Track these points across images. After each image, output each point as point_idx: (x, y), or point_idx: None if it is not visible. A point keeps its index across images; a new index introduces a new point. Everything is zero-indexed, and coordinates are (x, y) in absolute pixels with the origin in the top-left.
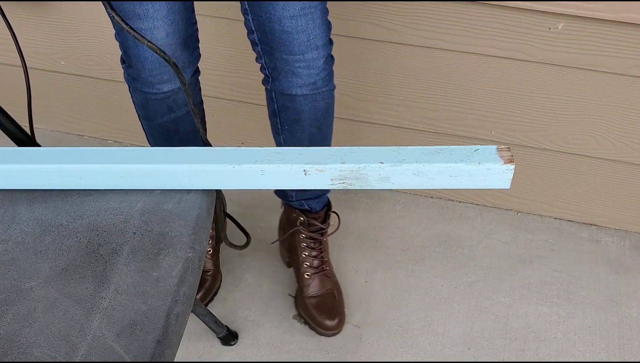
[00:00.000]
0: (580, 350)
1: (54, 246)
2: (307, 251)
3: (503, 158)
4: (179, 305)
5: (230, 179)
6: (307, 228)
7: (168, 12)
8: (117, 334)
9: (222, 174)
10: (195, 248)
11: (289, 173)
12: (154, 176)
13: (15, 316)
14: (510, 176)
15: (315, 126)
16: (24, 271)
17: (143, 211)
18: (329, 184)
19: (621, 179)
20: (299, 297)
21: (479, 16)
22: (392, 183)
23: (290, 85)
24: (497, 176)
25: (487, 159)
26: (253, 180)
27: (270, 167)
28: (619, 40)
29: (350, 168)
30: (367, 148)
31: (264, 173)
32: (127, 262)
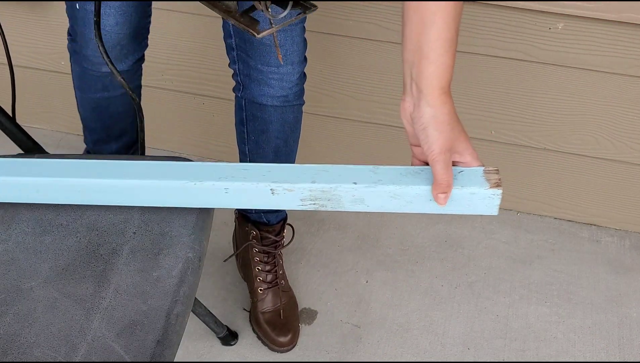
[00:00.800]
0: (580, 350)
1: (54, 246)
2: (260, 266)
3: (489, 182)
4: (179, 305)
5: (190, 197)
6: (260, 241)
7: (122, 4)
8: (117, 334)
9: (182, 192)
10: (195, 248)
11: (254, 192)
12: (97, 193)
13: (16, 317)
14: (497, 201)
15: (282, 138)
16: (24, 271)
17: (143, 211)
18: (299, 205)
19: (621, 179)
20: (253, 312)
21: (479, 16)
22: (367, 205)
23: (261, 94)
24: (483, 202)
25: (472, 183)
26: (216, 199)
27: (235, 185)
28: (619, 40)
29: (322, 188)
30: (341, 167)
31: (227, 191)
32: (127, 262)
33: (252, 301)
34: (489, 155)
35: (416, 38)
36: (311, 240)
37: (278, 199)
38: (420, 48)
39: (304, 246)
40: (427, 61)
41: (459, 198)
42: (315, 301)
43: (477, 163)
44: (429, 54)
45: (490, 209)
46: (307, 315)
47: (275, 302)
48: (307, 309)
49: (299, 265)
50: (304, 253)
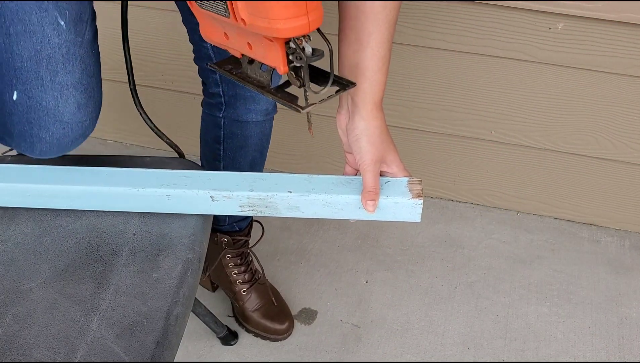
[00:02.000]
0: (580, 350)
1: (54, 247)
2: (236, 270)
3: (412, 192)
4: (179, 306)
5: (134, 202)
6: (232, 246)
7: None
8: (117, 335)
9: (125, 198)
10: (194, 249)
11: (195, 199)
12: (48, 197)
13: (15, 317)
14: (419, 210)
15: (258, 150)
16: (23, 272)
17: (143, 213)
18: (238, 211)
19: (621, 179)
20: (242, 314)
21: (479, 16)
22: (302, 212)
23: (246, 111)
24: (406, 210)
25: (396, 193)
26: (158, 204)
27: (176, 192)
28: (619, 40)
29: (258, 195)
30: (278, 175)
31: (169, 198)
32: (126, 263)
33: (237, 305)
34: (489, 155)
35: (352, 56)
36: (311, 240)
37: (218, 206)
38: (357, 65)
39: (304, 246)
40: (363, 78)
41: (384, 207)
42: (315, 301)
43: (404, 173)
44: (364, 71)
45: (414, 217)
46: (307, 315)
47: (262, 296)
48: (307, 309)
49: (299, 265)
50: (304, 253)
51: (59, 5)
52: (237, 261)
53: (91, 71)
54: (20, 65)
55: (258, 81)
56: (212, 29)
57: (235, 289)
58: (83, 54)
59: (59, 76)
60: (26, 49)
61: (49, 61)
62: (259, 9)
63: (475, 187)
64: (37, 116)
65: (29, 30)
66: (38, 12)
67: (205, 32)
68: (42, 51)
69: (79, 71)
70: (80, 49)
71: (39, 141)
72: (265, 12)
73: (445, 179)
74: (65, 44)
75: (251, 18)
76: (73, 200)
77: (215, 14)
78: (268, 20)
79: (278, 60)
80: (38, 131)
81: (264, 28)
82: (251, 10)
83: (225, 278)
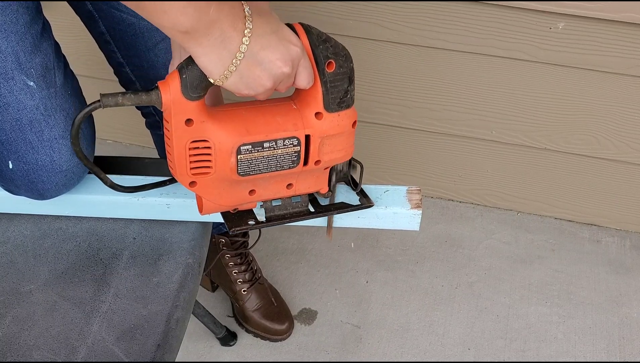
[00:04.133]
0: (580, 350)
1: (54, 250)
2: (236, 269)
3: (411, 202)
4: (179, 310)
5: (135, 211)
6: (231, 247)
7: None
8: (117, 338)
9: (127, 206)
10: (195, 254)
11: (195, 207)
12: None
13: (15, 319)
14: (418, 220)
15: None
16: (23, 274)
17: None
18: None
19: (622, 179)
20: (242, 314)
21: (479, 16)
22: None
23: None
24: (405, 220)
25: (395, 203)
26: (159, 213)
27: (176, 201)
28: (619, 40)
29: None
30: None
31: (169, 207)
32: (127, 266)
33: (237, 305)
34: (490, 155)
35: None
36: (311, 240)
37: (217, 214)
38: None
39: (304, 247)
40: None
41: (383, 216)
42: (315, 301)
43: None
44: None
45: (413, 226)
46: (307, 315)
47: (261, 296)
48: (307, 309)
49: (299, 265)
50: (304, 253)
51: (22, 67)
52: (237, 261)
53: (73, 112)
54: (6, 137)
55: (297, 213)
56: (230, 193)
57: (236, 289)
58: (60, 102)
59: (45, 134)
60: (6, 121)
61: (31, 124)
62: (339, 142)
63: (475, 187)
64: (37, 176)
65: (3, 104)
66: (5, 83)
67: (217, 202)
68: (22, 118)
69: (63, 120)
70: (56, 99)
71: (46, 192)
72: (344, 142)
73: (445, 179)
74: (41, 103)
75: (330, 155)
76: (73, 208)
77: (271, 173)
78: (345, 151)
79: (324, 182)
80: (42, 186)
81: (338, 159)
82: (333, 146)
83: (225, 277)
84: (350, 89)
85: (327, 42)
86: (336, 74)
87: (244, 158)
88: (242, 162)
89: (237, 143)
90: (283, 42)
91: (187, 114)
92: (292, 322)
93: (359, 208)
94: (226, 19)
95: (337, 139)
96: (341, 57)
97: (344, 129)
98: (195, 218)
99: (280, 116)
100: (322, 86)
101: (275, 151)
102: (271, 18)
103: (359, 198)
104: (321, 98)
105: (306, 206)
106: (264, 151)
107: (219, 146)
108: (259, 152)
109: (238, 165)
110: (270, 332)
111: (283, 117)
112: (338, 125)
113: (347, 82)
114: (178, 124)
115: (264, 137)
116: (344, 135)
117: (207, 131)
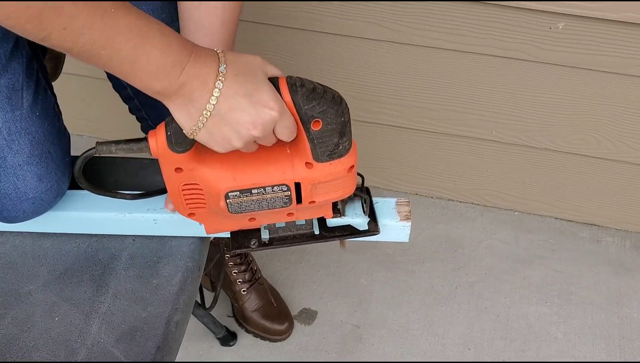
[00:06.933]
0: (580, 350)
1: (53, 251)
2: (236, 269)
3: (400, 214)
4: (179, 313)
5: (124, 227)
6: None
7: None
8: (117, 339)
9: (115, 222)
10: (194, 257)
11: (182, 223)
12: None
13: (14, 320)
14: (407, 231)
15: None
16: (22, 275)
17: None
18: (227, 233)
19: (622, 179)
20: (242, 314)
21: (479, 16)
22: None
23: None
24: (395, 232)
25: (384, 215)
26: (146, 228)
27: (163, 216)
28: (619, 40)
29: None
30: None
31: (156, 222)
32: (126, 267)
33: (237, 305)
34: (490, 155)
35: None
36: None
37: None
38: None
39: (304, 247)
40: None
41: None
42: (315, 301)
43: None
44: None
45: (402, 237)
46: (307, 315)
47: (261, 296)
48: (307, 309)
49: (299, 265)
50: (304, 253)
51: None
52: (237, 261)
53: (40, 136)
54: None
55: (300, 236)
56: (230, 222)
57: (235, 289)
58: (26, 125)
59: (7, 160)
60: None
61: None
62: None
63: (475, 187)
64: (2, 204)
65: None
66: None
67: (217, 228)
68: None
69: (28, 146)
70: (22, 122)
71: (14, 219)
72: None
73: (445, 179)
74: (4, 126)
75: (326, 196)
76: (59, 225)
77: (261, 211)
78: (343, 191)
79: (328, 210)
80: (8, 213)
81: (335, 198)
82: (328, 189)
83: (225, 277)
84: (342, 141)
85: (315, 99)
86: (323, 131)
87: (232, 202)
88: (231, 204)
89: (224, 190)
90: (256, 105)
91: (176, 164)
92: (292, 322)
93: (365, 234)
94: (196, 80)
95: (332, 183)
96: (330, 115)
97: (338, 176)
98: (183, 233)
99: (270, 163)
100: (309, 141)
101: (264, 195)
102: (251, 78)
103: (368, 219)
104: (309, 151)
105: (311, 228)
106: (253, 196)
107: (209, 190)
108: (247, 197)
109: (228, 207)
110: (269, 332)
111: (273, 165)
112: (330, 173)
113: (336, 137)
114: (168, 172)
115: (251, 185)
116: (339, 179)
117: (197, 177)
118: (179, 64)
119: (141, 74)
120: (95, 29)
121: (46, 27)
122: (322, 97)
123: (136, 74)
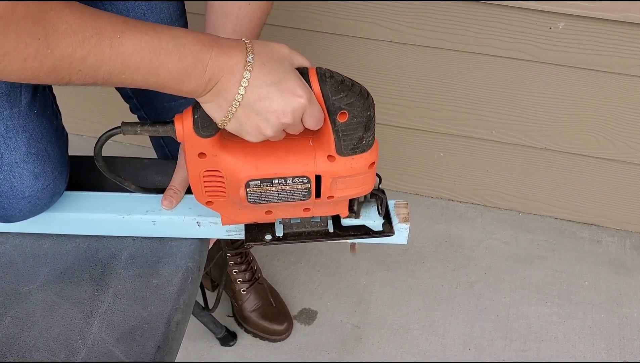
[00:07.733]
0: (580, 350)
1: (53, 250)
2: (236, 268)
3: (399, 216)
4: (179, 312)
5: (122, 228)
6: (231, 245)
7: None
8: (117, 339)
9: (113, 224)
10: (195, 257)
11: (181, 224)
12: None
13: (14, 320)
14: (406, 234)
15: None
16: (22, 275)
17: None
18: (225, 235)
19: (622, 179)
20: (241, 314)
21: (479, 16)
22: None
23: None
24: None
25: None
26: (145, 229)
27: (162, 218)
28: (619, 39)
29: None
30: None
31: (155, 224)
32: (126, 267)
33: (236, 304)
34: (490, 155)
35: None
36: None
37: (205, 231)
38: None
39: (304, 246)
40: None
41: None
42: (315, 301)
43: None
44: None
45: (401, 240)
46: (307, 315)
47: (261, 296)
48: (307, 309)
49: (299, 265)
50: (304, 253)
51: None
52: (237, 260)
53: (38, 134)
54: None
55: (314, 233)
56: (246, 213)
57: (235, 288)
58: (24, 122)
59: (4, 158)
60: None
61: None
62: (354, 181)
63: (475, 187)
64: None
65: None
66: None
67: (233, 219)
68: None
69: (24, 143)
70: (19, 119)
71: (10, 218)
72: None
73: (445, 179)
74: (2, 124)
75: (345, 191)
76: (57, 226)
77: (279, 203)
78: (362, 188)
79: (344, 208)
80: (4, 212)
81: (353, 194)
82: (348, 184)
83: (226, 276)
84: (366, 136)
85: (343, 91)
86: (349, 124)
87: (252, 191)
88: (251, 194)
89: (245, 179)
90: (284, 93)
91: (200, 149)
92: (291, 322)
93: (379, 235)
94: (223, 71)
95: (352, 179)
96: (357, 107)
97: (359, 171)
98: (181, 235)
99: (293, 154)
100: (334, 133)
101: (284, 186)
102: (278, 67)
103: (382, 221)
104: (333, 143)
105: (325, 226)
106: (273, 186)
107: (230, 178)
108: (268, 187)
109: (247, 196)
110: (268, 332)
111: (295, 156)
112: (351, 168)
113: (361, 131)
114: (192, 156)
115: (273, 174)
116: (359, 175)
117: (219, 164)
118: (199, 62)
119: (167, 83)
120: (107, 60)
121: (64, 76)
122: (350, 90)
123: (163, 85)
